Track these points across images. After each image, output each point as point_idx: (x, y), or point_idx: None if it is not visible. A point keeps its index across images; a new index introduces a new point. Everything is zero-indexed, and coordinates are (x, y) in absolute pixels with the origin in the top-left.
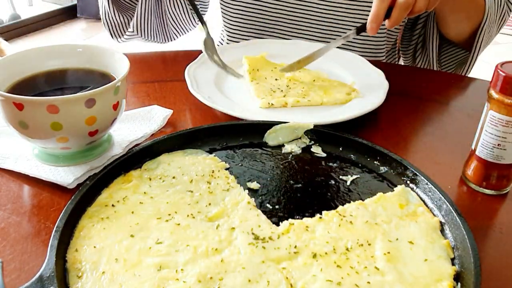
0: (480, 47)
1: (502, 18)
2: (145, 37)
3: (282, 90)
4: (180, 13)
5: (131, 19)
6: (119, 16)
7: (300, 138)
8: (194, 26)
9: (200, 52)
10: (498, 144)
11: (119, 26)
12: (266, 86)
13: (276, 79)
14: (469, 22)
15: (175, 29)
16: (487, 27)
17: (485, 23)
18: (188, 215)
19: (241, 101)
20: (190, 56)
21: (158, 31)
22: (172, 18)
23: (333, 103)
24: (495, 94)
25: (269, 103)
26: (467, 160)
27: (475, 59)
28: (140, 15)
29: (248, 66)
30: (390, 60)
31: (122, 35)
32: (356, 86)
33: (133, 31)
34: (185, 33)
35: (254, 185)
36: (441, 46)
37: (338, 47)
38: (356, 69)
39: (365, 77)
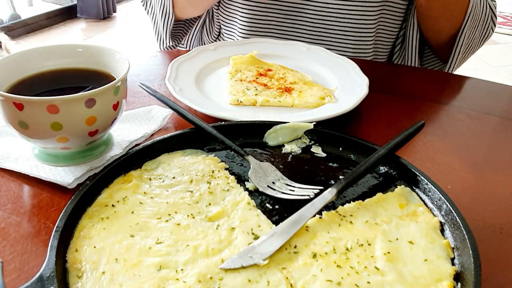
0: (459, 51)
1: (486, 31)
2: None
3: (256, 89)
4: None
5: (179, 43)
6: (169, 41)
7: (300, 138)
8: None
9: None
10: None
11: (169, 47)
12: (244, 84)
13: (257, 78)
14: (449, 21)
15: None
16: (468, 29)
17: (466, 23)
18: (188, 215)
19: (214, 98)
20: None
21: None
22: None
23: (303, 106)
24: None
25: (238, 100)
26: None
27: (455, 64)
28: (190, 36)
29: (231, 66)
30: (398, 60)
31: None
32: (338, 92)
33: (184, 45)
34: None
35: (254, 185)
36: (422, 53)
37: (330, 49)
38: (343, 74)
39: (349, 83)
